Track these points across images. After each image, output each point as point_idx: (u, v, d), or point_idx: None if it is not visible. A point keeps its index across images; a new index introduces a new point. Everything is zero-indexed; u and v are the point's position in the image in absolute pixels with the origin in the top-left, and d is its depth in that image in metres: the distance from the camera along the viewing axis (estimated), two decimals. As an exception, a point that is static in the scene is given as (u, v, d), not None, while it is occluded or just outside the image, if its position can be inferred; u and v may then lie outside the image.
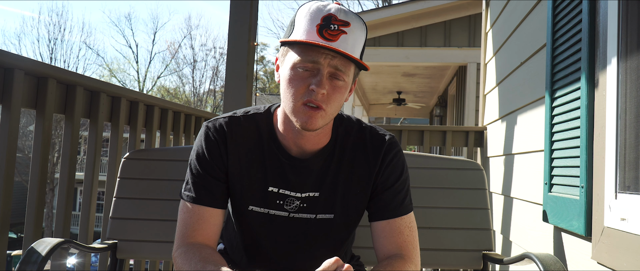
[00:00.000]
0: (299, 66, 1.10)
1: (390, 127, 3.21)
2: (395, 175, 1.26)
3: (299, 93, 1.10)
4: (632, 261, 1.14)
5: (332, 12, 1.10)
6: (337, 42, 1.08)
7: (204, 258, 1.10)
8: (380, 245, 1.24)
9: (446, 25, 6.19)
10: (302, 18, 1.11)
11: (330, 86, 1.10)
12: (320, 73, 1.09)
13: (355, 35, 1.11)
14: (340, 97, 1.13)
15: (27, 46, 58.67)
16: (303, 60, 1.09)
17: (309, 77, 1.10)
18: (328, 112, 1.12)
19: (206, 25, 73.12)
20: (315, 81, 1.09)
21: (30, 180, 1.62)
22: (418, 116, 13.43)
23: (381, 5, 21.95)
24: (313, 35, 1.08)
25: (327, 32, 1.08)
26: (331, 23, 1.09)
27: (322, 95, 1.09)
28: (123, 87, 2.14)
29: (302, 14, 1.12)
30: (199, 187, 1.20)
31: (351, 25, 1.10)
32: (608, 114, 1.32)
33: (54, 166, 19.64)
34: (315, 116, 1.10)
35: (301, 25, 1.11)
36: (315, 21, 1.09)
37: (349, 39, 1.09)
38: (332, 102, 1.11)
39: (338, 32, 1.08)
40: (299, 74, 1.10)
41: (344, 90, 1.13)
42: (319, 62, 1.09)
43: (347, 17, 1.10)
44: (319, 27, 1.08)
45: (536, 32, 2.11)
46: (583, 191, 1.41)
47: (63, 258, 1.71)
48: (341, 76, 1.11)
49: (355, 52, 1.11)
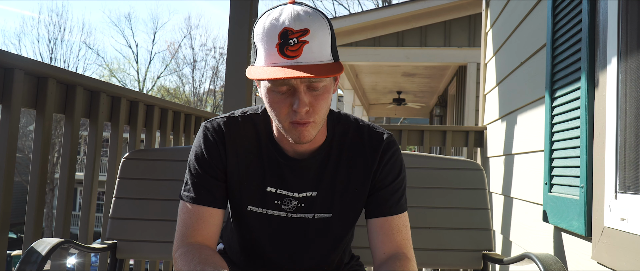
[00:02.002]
0: (273, 91, 1.08)
1: (390, 127, 3.21)
2: (393, 174, 1.26)
3: (282, 115, 1.09)
4: (632, 261, 1.14)
5: (286, 26, 1.03)
6: (302, 56, 1.03)
7: (203, 259, 1.10)
8: (379, 242, 1.24)
9: (446, 25, 6.19)
10: (261, 40, 1.06)
11: (312, 97, 1.08)
12: (297, 91, 1.06)
13: (318, 39, 1.05)
14: (325, 101, 1.11)
15: (27, 45, 58.73)
16: (274, 86, 1.07)
17: (287, 98, 1.08)
18: (317, 121, 1.11)
19: (206, 25, 73.24)
20: (296, 102, 1.06)
21: (30, 180, 1.62)
22: (418, 116, 13.43)
23: (381, 5, 21.94)
24: (275, 58, 1.03)
25: (288, 49, 1.03)
26: (289, 38, 1.03)
27: (306, 112, 1.08)
28: (123, 87, 2.14)
29: (259, 35, 1.06)
30: (198, 187, 1.20)
31: (311, 30, 1.03)
32: (608, 114, 1.32)
33: (54, 166, 19.64)
34: (306, 130, 1.10)
35: (262, 49, 1.06)
36: (273, 41, 1.03)
37: (313, 46, 1.04)
38: (319, 111, 1.10)
39: (299, 44, 1.02)
40: (276, 97, 1.08)
41: (327, 93, 1.11)
42: (290, 83, 1.06)
43: (303, 23, 1.03)
44: (278, 47, 1.03)
45: (536, 32, 2.11)
46: (583, 191, 1.41)
47: (63, 258, 1.71)
48: (318, 84, 1.08)
49: (324, 54, 1.07)
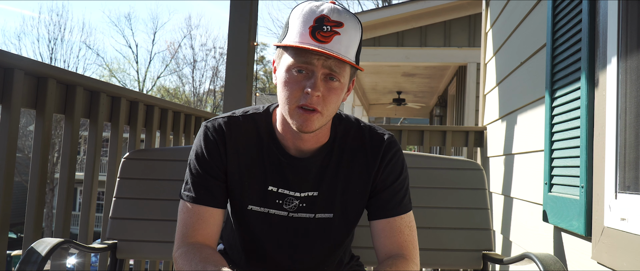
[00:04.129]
0: (293, 68, 1.10)
1: (390, 127, 3.21)
2: (394, 174, 1.26)
3: (294, 96, 1.10)
4: (632, 261, 1.14)
5: (324, 13, 1.08)
6: (330, 44, 1.07)
7: (204, 259, 1.10)
8: (381, 244, 1.24)
9: (446, 25, 6.19)
10: (296, 20, 1.10)
11: (326, 88, 1.10)
12: (314, 75, 1.09)
13: (349, 35, 1.10)
14: (337, 98, 1.12)
15: (27, 45, 58.64)
16: (296, 62, 1.09)
17: (303, 80, 1.10)
18: (325, 114, 1.12)
19: (206, 25, 73.21)
20: (310, 83, 1.08)
21: (30, 180, 1.62)
22: (418, 116, 13.43)
23: (381, 5, 21.95)
24: (306, 38, 1.07)
25: (319, 34, 1.07)
26: (324, 24, 1.07)
27: (317, 97, 1.09)
28: (123, 87, 2.14)
29: (296, 16, 1.11)
30: (198, 187, 1.20)
31: (345, 25, 1.08)
32: (608, 114, 1.31)
33: (54, 166, 19.64)
34: (311, 119, 1.10)
35: (294, 28, 1.10)
36: (308, 23, 1.08)
37: (343, 39, 1.08)
38: (329, 104, 1.11)
39: (331, 33, 1.07)
40: (293, 76, 1.10)
41: (340, 91, 1.13)
42: (312, 63, 1.08)
43: (341, 17, 1.09)
44: (311, 29, 1.07)
45: (536, 32, 2.11)
46: (583, 191, 1.41)
47: (63, 258, 1.71)
48: (336, 76, 1.10)
49: (350, 52, 1.11)
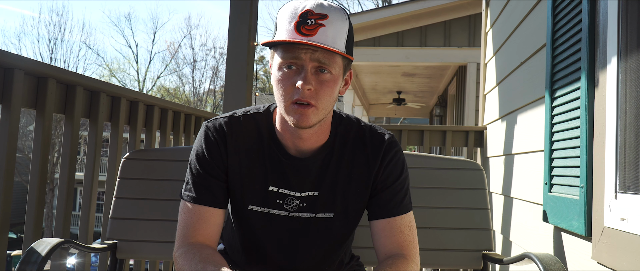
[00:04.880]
0: (283, 66, 1.12)
1: (390, 127, 3.21)
2: (394, 174, 1.26)
3: (287, 93, 1.11)
4: (632, 261, 1.14)
5: (308, 8, 1.10)
6: (315, 36, 1.08)
7: (204, 259, 1.10)
8: (381, 244, 1.24)
9: (446, 25, 6.19)
10: (282, 19, 1.12)
11: (317, 81, 1.11)
12: (304, 69, 1.10)
13: (335, 26, 1.10)
14: (331, 91, 1.13)
15: (27, 45, 58.74)
16: (286, 59, 1.11)
17: (294, 76, 1.11)
18: (320, 108, 1.12)
19: (206, 25, 73.24)
20: (301, 77, 1.09)
21: (30, 180, 1.62)
22: (418, 116, 13.43)
23: (381, 5, 21.94)
24: (291, 34, 1.09)
25: (304, 28, 1.09)
26: (308, 18, 1.09)
27: (309, 91, 1.10)
28: (123, 87, 2.14)
29: (282, 15, 1.13)
30: (199, 187, 1.20)
31: (330, 17, 1.10)
32: (608, 114, 1.32)
33: (54, 166, 19.64)
34: (306, 114, 1.11)
35: (281, 26, 1.12)
36: (293, 19, 1.10)
37: (329, 31, 1.09)
38: (322, 97, 1.12)
39: (315, 25, 1.09)
40: (285, 73, 1.12)
41: (333, 83, 1.13)
42: (300, 58, 1.09)
43: (324, 10, 1.10)
44: (296, 24, 1.09)
45: (536, 32, 2.11)
46: (583, 191, 1.41)
47: (63, 258, 1.71)
48: (327, 68, 1.11)
49: (338, 43, 1.11)
